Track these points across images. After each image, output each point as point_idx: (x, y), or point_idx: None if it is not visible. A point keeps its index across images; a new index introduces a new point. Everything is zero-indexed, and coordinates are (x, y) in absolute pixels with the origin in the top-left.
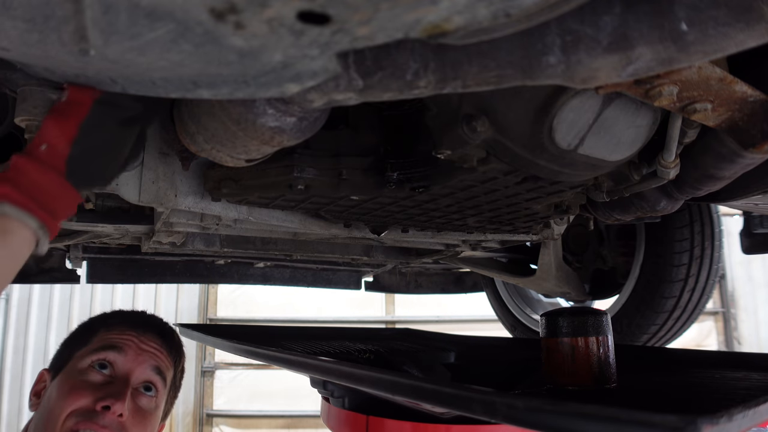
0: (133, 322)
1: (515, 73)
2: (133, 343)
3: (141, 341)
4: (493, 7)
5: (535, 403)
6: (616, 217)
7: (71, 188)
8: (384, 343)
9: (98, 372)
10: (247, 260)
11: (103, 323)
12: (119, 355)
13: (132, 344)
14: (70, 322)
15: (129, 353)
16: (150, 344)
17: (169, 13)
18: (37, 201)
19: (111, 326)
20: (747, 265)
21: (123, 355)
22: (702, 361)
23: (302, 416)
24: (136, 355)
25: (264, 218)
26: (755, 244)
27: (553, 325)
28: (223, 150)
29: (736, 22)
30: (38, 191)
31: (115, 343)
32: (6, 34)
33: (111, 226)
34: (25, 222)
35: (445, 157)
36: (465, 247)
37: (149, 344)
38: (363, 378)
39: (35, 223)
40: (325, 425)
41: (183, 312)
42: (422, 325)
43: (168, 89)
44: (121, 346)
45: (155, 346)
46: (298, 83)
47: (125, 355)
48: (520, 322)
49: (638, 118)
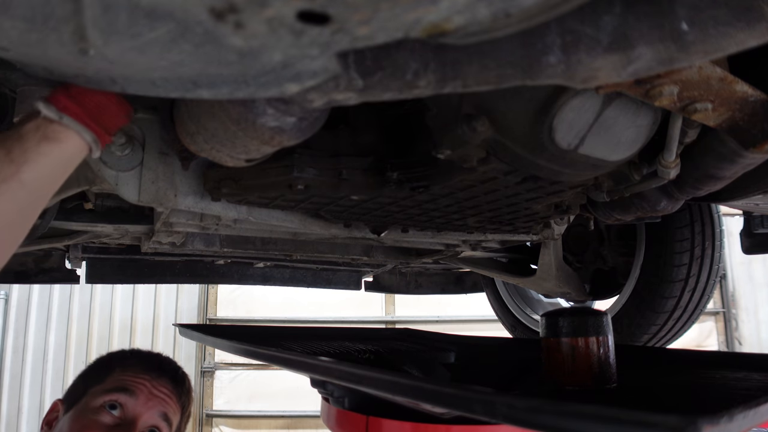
0: (149, 365)
1: (515, 73)
2: (145, 388)
3: (153, 386)
4: (493, 7)
5: (535, 403)
6: (616, 217)
7: (126, 103)
8: (384, 343)
9: (108, 413)
10: (247, 260)
11: (120, 362)
12: (130, 398)
13: (144, 389)
14: (69, 322)
15: (140, 397)
16: (161, 390)
17: (169, 12)
18: (94, 117)
19: (127, 367)
20: (748, 266)
21: (134, 399)
22: (702, 362)
23: (302, 416)
24: (146, 400)
25: (264, 218)
26: (756, 244)
27: (554, 325)
28: (222, 150)
29: (737, 22)
30: (96, 108)
31: (128, 386)
32: (5, 33)
33: (111, 226)
34: (82, 135)
35: (445, 157)
36: (465, 247)
37: (161, 390)
38: (363, 378)
39: (90, 136)
40: (325, 425)
41: (183, 312)
42: (422, 325)
43: (168, 89)
44: (134, 389)
45: (166, 392)
46: (298, 83)
47: (136, 399)
48: (520, 322)
49: (638, 118)
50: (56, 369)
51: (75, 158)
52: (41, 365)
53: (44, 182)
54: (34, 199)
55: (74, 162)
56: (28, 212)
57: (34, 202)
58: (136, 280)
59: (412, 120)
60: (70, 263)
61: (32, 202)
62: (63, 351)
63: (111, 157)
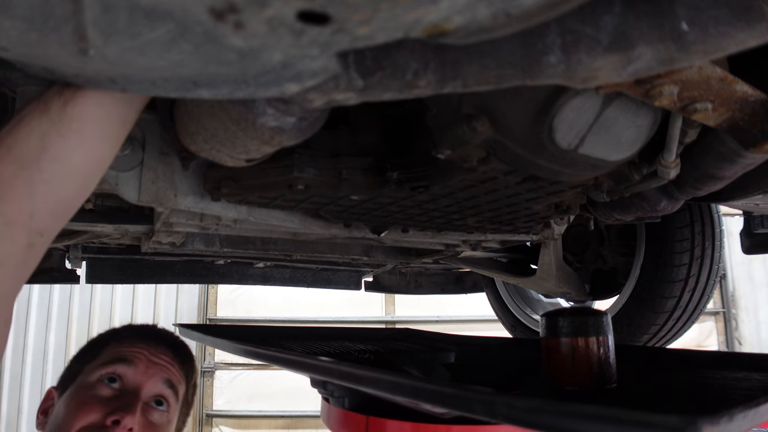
0: (144, 334)
1: (515, 73)
2: (143, 356)
3: (152, 354)
4: (493, 7)
5: (535, 403)
6: (616, 217)
7: None
8: (384, 343)
9: (107, 386)
10: (246, 260)
11: (114, 337)
12: (129, 368)
13: (143, 357)
14: (69, 322)
15: (139, 366)
16: (161, 357)
17: (169, 12)
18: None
19: (121, 339)
20: (748, 266)
21: (133, 368)
22: (702, 362)
23: (302, 416)
24: (146, 368)
25: (264, 218)
26: (756, 244)
27: (554, 325)
28: (222, 150)
29: (737, 22)
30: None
31: (125, 355)
32: (5, 33)
33: (110, 226)
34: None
35: (445, 157)
36: (465, 247)
37: (161, 357)
38: (363, 378)
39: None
40: (325, 425)
41: (183, 312)
42: (422, 325)
43: (168, 89)
44: (131, 358)
45: (167, 359)
46: (298, 83)
47: (135, 368)
48: (520, 322)
49: (638, 118)
50: (56, 369)
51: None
52: (41, 365)
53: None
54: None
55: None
56: None
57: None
58: (136, 280)
59: (412, 120)
60: (70, 263)
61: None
62: (63, 351)
63: None
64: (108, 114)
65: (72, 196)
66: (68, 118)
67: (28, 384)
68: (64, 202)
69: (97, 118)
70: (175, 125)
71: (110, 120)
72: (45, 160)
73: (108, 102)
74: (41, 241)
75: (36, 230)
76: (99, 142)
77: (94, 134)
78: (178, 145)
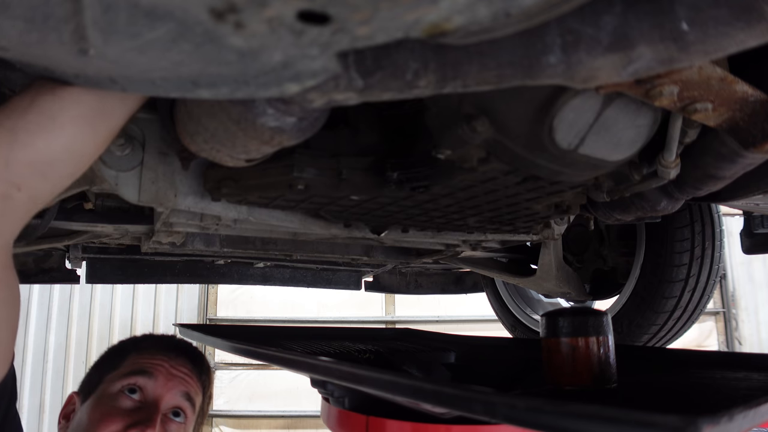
0: (164, 346)
1: (515, 73)
2: (163, 368)
3: (171, 366)
4: (493, 6)
5: (535, 403)
6: (616, 217)
7: None
8: (384, 343)
9: (128, 397)
10: (247, 260)
11: (134, 347)
12: (149, 380)
13: (162, 369)
14: (69, 322)
15: (159, 378)
16: (180, 369)
17: (169, 12)
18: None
19: (142, 350)
20: (748, 266)
21: (153, 381)
22: (703, 362)
23: (302, 416)
24: (166, 381)
25: (264, 218)
26: (756, 244)
27: (554, 325)
28: (222, 150)
29: (737, 22)
30: None
31: (146, 367)
32: (5, 33)
33: (111, 226)
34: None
35: (445, 157)
36: (465, 247)
37: (180, 369)
38: (363, 378)
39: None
40: (325, 425)
41: (183, 312)
42: (422, 325)
43: (168, 89)
44: (152, 371)
45: (185, 371)
46: (298, 83)
47: (155, 381)
48: (520, 322)
49: (639, 118)
50: (56, 369)
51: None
52: (41, 365)
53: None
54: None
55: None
56: None
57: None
58: (136, 280)
59: (412, 120)
60: (70, 263)
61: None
62: (63, 351)
63: (111, 157)
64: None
65: (59, 158)
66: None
67: (28, 384)
68: (49, 159)
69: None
70: (175, 125)
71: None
72: (32, 113)
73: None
74: (19, 196)
75: (11, 181)
76: (96, 104)
77: (90, 98)
78: (178, 145)
